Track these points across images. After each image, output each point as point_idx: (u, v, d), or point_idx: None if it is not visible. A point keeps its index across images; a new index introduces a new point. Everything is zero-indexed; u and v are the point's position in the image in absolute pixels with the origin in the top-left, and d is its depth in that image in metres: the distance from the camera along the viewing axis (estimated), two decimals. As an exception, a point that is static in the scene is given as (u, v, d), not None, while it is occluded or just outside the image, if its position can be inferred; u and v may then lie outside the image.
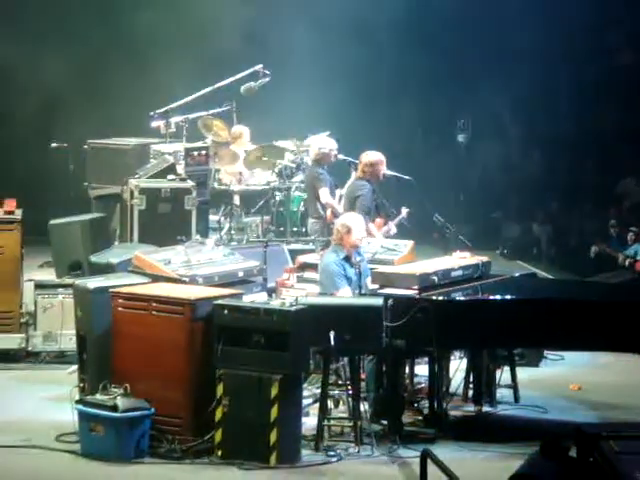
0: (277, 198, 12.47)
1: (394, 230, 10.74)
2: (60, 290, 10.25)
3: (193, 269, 9.09)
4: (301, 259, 10.02)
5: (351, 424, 8.30)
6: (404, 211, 10.95)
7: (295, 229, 12.31)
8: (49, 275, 11.72)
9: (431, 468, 6.48)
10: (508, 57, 17.32)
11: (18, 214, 10.47)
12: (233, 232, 12.34)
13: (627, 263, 13.62)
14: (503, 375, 9.35)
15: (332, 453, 8.10)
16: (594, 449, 5.86)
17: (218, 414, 7.98)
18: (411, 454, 8.00)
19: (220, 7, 15.56)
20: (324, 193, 11.21)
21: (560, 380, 10.02)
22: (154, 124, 12.61)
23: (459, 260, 9.20)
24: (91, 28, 15.50)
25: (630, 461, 5.79)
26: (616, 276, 12.96)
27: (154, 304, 8.21)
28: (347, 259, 8.88)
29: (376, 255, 9.57)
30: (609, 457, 5.79)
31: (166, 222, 11.15)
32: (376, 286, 8.83)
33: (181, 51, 15.01)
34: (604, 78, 16.73)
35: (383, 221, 10.74)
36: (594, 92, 16.69)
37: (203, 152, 12.25)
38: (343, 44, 16.05)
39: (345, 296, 8.69)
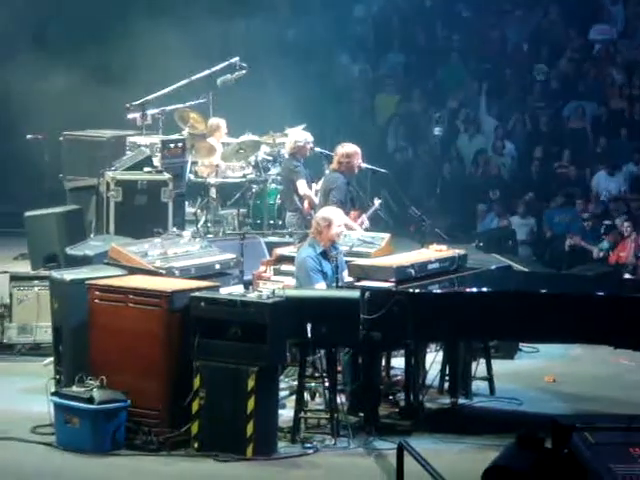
0: (254, 190, 12.48)
1: (367, 223, 10.74)
2: (36, 282, 10.21)
3: (170, 261, 9.08)
4: (278, 252, 10.02)
5: (327, 416, 8.32)
6: (377, 202, 10.96)
7: (272, 222, 12.31)
8: (24, 267, 11.67)
9: (407, 460, 6.51)
10: (484, 50, 17.40)
11: (-7, 206, 10.44)
12: (209, 224, 12.32)
13: (601, 256, 13.71)
14: (478, 367, 9.39)
15: (308, 445, 8.13)
16: (569, 441, 5.91)
17: (195, 406, 7.98)
18: (387, 446, 8.03)
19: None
20: (302, 185, 11.22)
21: (535, 372, 10.07)
22: (130, 116, 12.56)
23: (435, 253, 9.23)
24: (64, 21, 15.41)
25: (605, 452, 5.85)
26: (590, 269, 13.04)
27: (131, 296, 8.20)
28: (324, 254, 8.88)
29: (353, 248, 9.58)
30: (584, 448, 5.84)
31: (142, 214, 11.12)
32: (352, 279, 8.85)
33: (157, 43, 14.94)
34: (580, 71, 16.80)
35: (357, 214, 10.74)
36: (570, 84, 16.77)
37: (179, 144, 12.23)
38: (319, 36, 16.07)
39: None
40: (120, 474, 7.76)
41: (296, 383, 8.48)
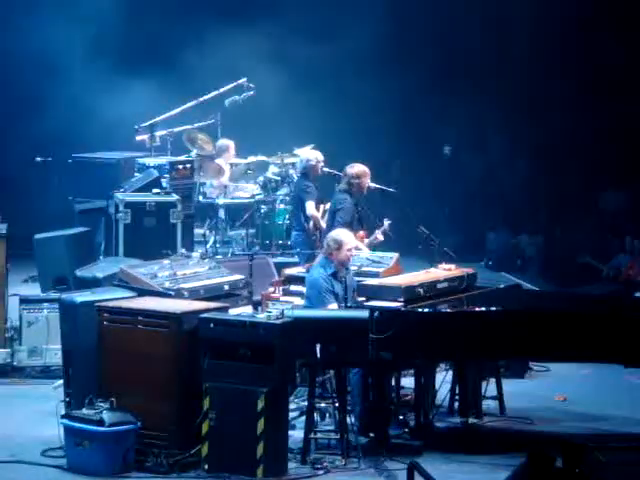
0: (262, 211, 12.51)
1: (381, 238, 10.76)
2: (45, 305, 10.23)
3: (179, 283, 9.10)
4: (287, 272, 10.03)
5: (338, 437, 8.31)
6: (386, 223, 10.98)
7: (280, 242, 12.34)
8: (34, 290, 11.70)
9: (418, 480, 6.50)
10: (493, 68, 17.38)
11: (2, 228, 10.45)
12: (218, 245, 12.36)
13: (611, 274, 13.69)
14: (488, 387, 9.38)
15: (319, 466, 8.11)
16: (580, 460, 5.90)
17: (204, 428, 7.97)
18: (398, 466, 8.02)
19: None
20: (310, 206, 11.27)
21: (545, 391, 10.05)
22: (139, 137, 12.61)
23: (444, 272, 9.23)
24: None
25: (616, 472, 5.83)
26: (600, 288, 13.02)
27: (140, 318, 8.21)
28: (335, 274, 8.90)
29: (362, 268, 9.59)
30: (596, 468, 5.82)
31: (151, 236, 11.16)
32: (362, 298, 8.84)
33: (166, 64, 15.00)
34: (589, 88, 16.78)
35: (365, 234, 10.76)
36: (578, 103, 16.77)
37: (188, 165, 12.27)
38: (325, 55, 16.10)
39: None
40: (130, 496, 7.77)
41: (306, 404, 8.46)
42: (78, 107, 14.68)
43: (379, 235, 10.74)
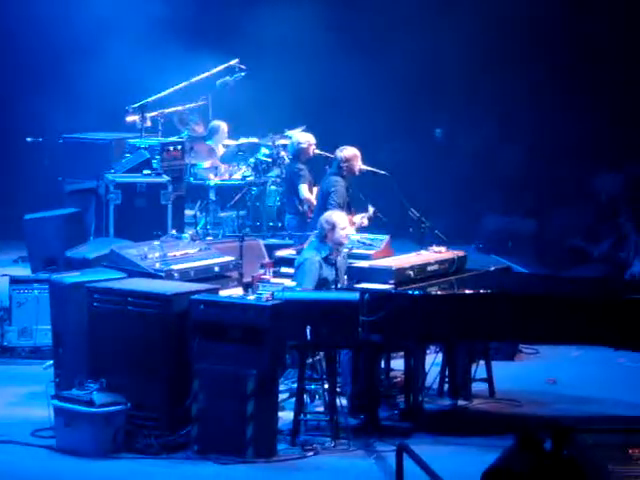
0: (253, 193, 12.49)
1: (366, 223, 10.78)
2: (35, 285, 10.24)
3: (169, 264, 9.09)
4: (278, 254, 10.04)
5: (327, 418, 8.33)
6: (370, 210, 10.99)
7: (271, 224, 12.34)
8: (24, 270, 11.68)
9: (407, 462, 6.51)
10: (493, 51, 17.34)
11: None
12: (209, 227, 12.34)
13: (602, 257, 13.71)
14: (478, 369, 9.40)
15: (308, 447, 8.13)
16: (568, 442, 5.92)
17: (194, 409, 7.98)
18: (387, 448, 8.04)
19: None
20: (303, 189, 11.26)
21: (535, 373, 10.08)
22: (129, 118, 12.57)
23: (435, 254, 9.25)
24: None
25: (604, 454, 5.86)
26: (591, 270, 13.05)
27: (130, 299, 8.21)
28: (327, 257, 8.92)
29: (352, 250, 9.61)
30: (583, 450, 5.85)
31: (142, 217, 11.14)
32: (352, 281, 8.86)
33: (157, 44, 14.91)
34: (585, 70, 16.75)
35: (351, 218, 10.76)
36: (573, 86, 16.75)
37: (179, 147, 12.24)
38: (320, 37, 16.09)
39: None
40: (120, 477, 7.77)
41: (296, 385, 8.48)
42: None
43: (364, 220, 10.77)
